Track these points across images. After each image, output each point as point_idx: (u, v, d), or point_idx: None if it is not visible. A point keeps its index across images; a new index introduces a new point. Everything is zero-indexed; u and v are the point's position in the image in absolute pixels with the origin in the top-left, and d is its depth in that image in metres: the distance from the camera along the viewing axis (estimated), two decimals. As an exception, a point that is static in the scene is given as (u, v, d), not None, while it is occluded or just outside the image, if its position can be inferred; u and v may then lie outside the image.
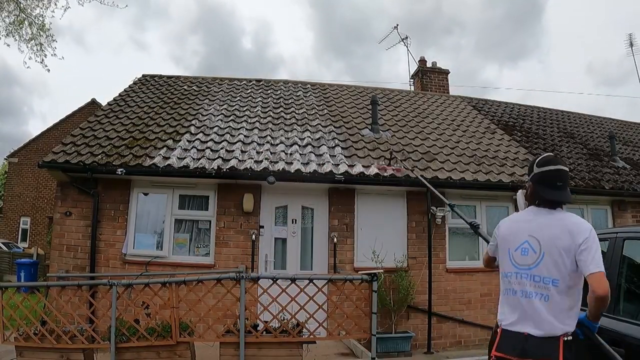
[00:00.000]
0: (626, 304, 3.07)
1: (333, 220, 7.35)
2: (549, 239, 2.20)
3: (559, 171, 2.32)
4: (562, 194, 2.31)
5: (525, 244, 2.26)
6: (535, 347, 2.08)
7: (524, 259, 2.25)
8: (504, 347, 2.20)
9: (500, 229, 2.46)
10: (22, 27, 7.51)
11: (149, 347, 4.85)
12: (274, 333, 4.93)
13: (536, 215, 2.32)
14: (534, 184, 2.36)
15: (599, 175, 8.81)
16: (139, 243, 7.10)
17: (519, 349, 2.11)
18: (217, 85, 11.16)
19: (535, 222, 2.29)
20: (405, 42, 13.84)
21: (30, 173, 22.69)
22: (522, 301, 2.20)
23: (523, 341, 2.12)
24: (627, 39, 14.63)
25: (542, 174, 2.34)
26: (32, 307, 5.21)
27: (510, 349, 2.15)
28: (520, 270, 2.25)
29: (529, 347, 2.09)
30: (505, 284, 2.33)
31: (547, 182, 2.32)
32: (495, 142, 9.42)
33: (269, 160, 7.23)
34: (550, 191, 2.30)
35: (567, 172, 2.36)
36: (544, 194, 2.31)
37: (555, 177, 2.32)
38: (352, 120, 9.40)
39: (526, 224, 2.32)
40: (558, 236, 2.18)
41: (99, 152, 7.15)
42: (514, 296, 2.24)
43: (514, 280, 2.26)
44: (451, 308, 7.43)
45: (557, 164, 2.34)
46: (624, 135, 12.22)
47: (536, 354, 2.07)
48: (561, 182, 2.31)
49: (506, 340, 2.20)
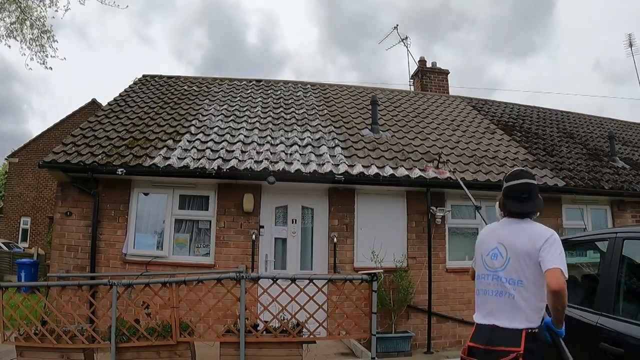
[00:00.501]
0: (625, 303, 3.07)
1: (333, 220, 7.37)
2: (514, 245, 2.47)
3: (523, 184, 2.57)
4: (526, 205, 2.55)
5: (495, 250, 2.56)
6: (499, 338, 2.35)
7: (494, 262, 2.54)
8: (475, 338, 2.50)
9: (480, 236, 2.77)
10: (23, 28, 7.52)
11: (149, 347, 4.86)
12: (274, 333, 4.94)
13: (506, 224, 2.60)
14: (503, 197, 2.64)
15: (599, 175, 8.82)
16: (139, 243, 7.11)
17: (486, 339, 2.40)
18: (217, 85, 11.18)
19: (504, 231, 2.57)
20: (405, 42, 13.86)
21: (31, 173, 22.72)
22: (492, 299, 2.50)
23: (490, 332, 2.41)
24: (626, 39, 14.62)
25: (508, 188, 2.61)
26: (33, 307, 5.21)
27: (479, 339, 2.45)
28: (491, 272, 2.55)
29: (494, 337, 2.37)
30: (478, 285, 2.66)
31: (512, 196, 2.58)
32: (495, 142, 9.43)
33: (269, 160, 7.24)
34: (515, 203, 2.56)
35: (532, 184, 2.59)
36: (510, 207, 2.58)
37: (519, 191, 2.57)
38: (352, 121, 9.41)
39: (497, 232, 2.61)
40: (521, 243, 2.44)
41: (100, 152, 7.17)
42: (485, 295, 2.57)
43: (486, 281, 2.58)
44: (451, 308, 7.44)
45: (521, 178, 2.59)
46: (624, 136, 12.22)
47: (500, 343, 2.32)
48: (526, 194, 2.55)
49: (477, 333, 2.51)
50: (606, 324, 2.95)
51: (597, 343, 2.91)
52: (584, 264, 4.30)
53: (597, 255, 3.74)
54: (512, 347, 2.27)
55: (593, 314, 3.07)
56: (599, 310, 3.06)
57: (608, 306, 3.02)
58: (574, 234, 6.11)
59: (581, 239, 4.28)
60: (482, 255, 2.64)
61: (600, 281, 3.26)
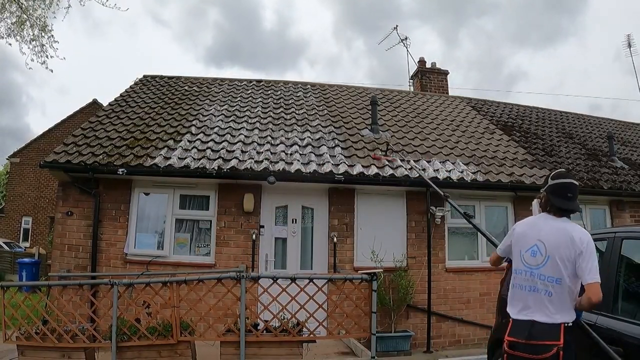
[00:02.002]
0: (624, 303, 3.10)
1: (333, 220, 7.39)
2: (554, 244, 2.59)
3: (570, 184, 2.71)
4: (572, 204, 2.69)
5: (534, 247, 2.65)
6: (539, 332, 2.48)
7: (533, 259, 2.64)
8: (514, 332, 2.59)
9: (516, 230, 2.84)
10: (24, 28, 7.53)
11: (150, 346, 4.88)
12: (274, 332, 4.96)
13: (545, 220, 2.72)
14: (548, 194, 2.74)
15: (598, 175, 8.85)
16: (140, 243, 7.14)
17: (527, 334, 2.51)
18: (218, 85, 11.20)
19: (545, 228, 2.67)
20: (405, 42, 13.88)
21: (32, 173, 22.78)
22: (529, 294, 2.61)
23: (530, 327, 2.53)
24: (625, 40, 14.63)
25: (555, 186, 2.73)
26: (34, 307, 5.24)
27: (519, 334, 2.55)
28: (530, 269, 2.64)
29: (534, 332, 2.49)
30: (515, 280, 2.73)
31: (559, 193, 2.70)
32: (494, 142, 9.46)
33: (269, 160, 7.27)
34: (561, 201, 2.68)
35: (577, 185, 2.75)
36: (556, 203, 2.68)
37: (566, 189, 2.70)
38: (352, 121, 9.44)
39: (536, 229, 2.71)
40: (561, 243, 2.57)
41: (100, 152, 7.19)
42: (521, 290, 2.66)
43: (522, 277, 2.67)
44: (450, 307, 7.47)
45: (568, 178, 2.75)
46: (622, 136, 12.25)
47: (541, 337, 2.46)
48: (571, 193, 2.70)
49: (516, 327, 2.61)
50: (605, 324, 2.97)
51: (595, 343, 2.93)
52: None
53: (596, 255, 3.77)
54: (553, 341, 2.43)
55: (592, 314, 3.07)
56: (597, 310, 3.06)
57: (607, 306, 3.03)
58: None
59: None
60: (521, 250, 2.73)
61: None
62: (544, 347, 2.43)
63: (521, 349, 2.51)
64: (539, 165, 8.63)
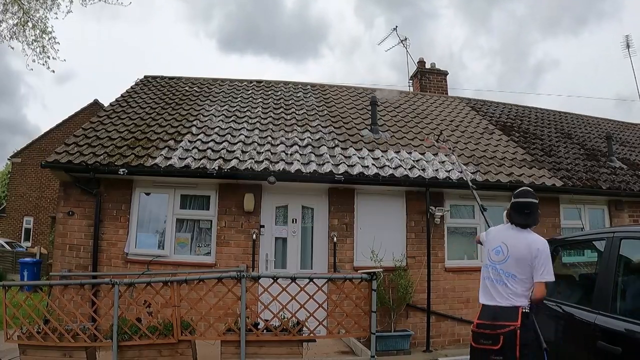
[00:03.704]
0: (623, 302, 3.12)
1: (333, 219, 7.42)
2: (514, 248, 3.20)
3: (528, 203, 3.27)
4: (527, 219, 3.26)
5: (498, 247, 3.28)
6: (502, 314, 3.06)
7: (497, 257, 3.27)
8: (482, 315, 3.18)
9: (490, 233, 3.49)
10: (25, 30, 7.57)
11: (151, 345, 4.90)
12: (274, 331, 4.98)
13: (510, 230, 3.32)
14: (510, 209, 3.35)
15: (596, 175, 8.87)
16: (140, 242, 7.17)
17: (492, 316, 3.10)
18: (218, 86, 11.23)
19: (508, 234, 3.30)
20: (404, 43, 13.91)
21: (34, 173, 22.86)
22: (491, 285, 3.23)
23: (494, 310, 3.11)
24: (623, 41, 14.65)
25: (515, 204, 3.32)
26: (35, 306, 5.25)
27: (486, 316, 3.14)
28: (495, 264, 3.26)
29: (498, 314, 3.08)
30: (484, 273, 3.34)
31: (518, 210, 3.29)
32: (494, 143, 9.49)
33: (270, 160, 7.30)
34: (518, 216, 3.28)
35: (535, 203, 3.29)
36: (515, 218, 3.30)
37: (524, 207, 3.27)
38: (352, 121, 9.46)
39: (502, 234, 3.35)
40: (520, 247, 3.18)
41: (101, 152, 7.22)
42: (489, 282, 3.26)
43: (490, 271, 3.27)
44: (450, 307, 7.49)
45: (526, 197, 3.29)
46: (621, 136, 12.28)
47: (502, 319, 3.03)
48: (528, 210, 3.26)
49: (484, 311, 3.19)
50: (604, 323, 2.99)
51: (594, 342, 2.95)
52: (581, 263, 4.35)
53: (595, 254, 3.79)
54: (511, 322, 2.99)
55: (591, 313, 3.12)
56: (596, 309, 3.10)
57: (605, 305, 3.06)
58: (571, 233, 6.17)
59: (579, 239, 4.33)
60: (489, 249, 3.34)
61: (597, 280, 3.30)
62: (503, 326, 2.99)
63: (485, 327, 3.07)
64: (538, 166, 8.65)
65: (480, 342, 3.08)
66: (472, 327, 3.20)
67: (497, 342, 2.96)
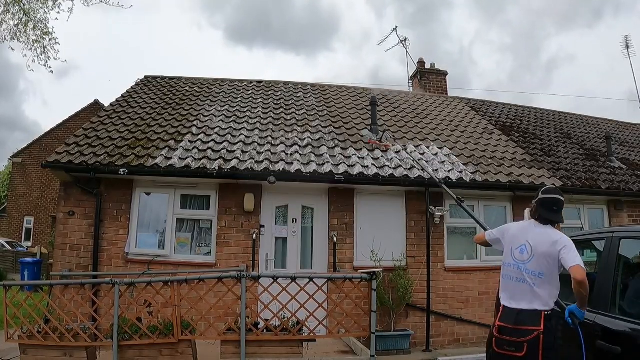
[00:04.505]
0: (622, 302, 3.13)
1: (333, 219, 7.43)
2: (539, 246, 3.09)
3: (557, 200, 3.21)
4: (556, 216, 3.20)
5: (523, 246, 3.16)
6: (525, 318, 2.94)
7: (521, 256, 3.15)
8: (504, 318, 3.06)
9: (510, 230, 3.37)
10: (26, 30, 7.59)
11: (151, 345, 4.90)
12: (274, 331, 4.99)
13: (534, 227, 3.22)
14: (538, 205, 3.26)
15: (596, 175, 8.88)
16: (141, 242, 7.18)
17: (514, 320, 2.98)
18: (218, 86, 11.24)
19: (533, 232, 3.19)
20: (404, 44, 13.92)
21: (34, 173, 22.91)
22: (514, 284, 3.11)
23: (517, 314, 2.99)
24: (622, 41, 14.66)
25: (544, 200, 3.23)
26: (36, 306, 5.25)
27: (508, 320, 3.02)
28: (518, 263, 3.14)
29: (521, 318, 2.95)
30: (504, 270, 3.24)
31: (547, 206, 3.21)
32: (493, 143, 9.50)
33: (270, 160, 7.31)
34: (547, 212, 3.19)
35: (562, 201, 3.24)
36: (543, 214, 3.20)
37: (553, 204, 3.20)
38: (352, 121, 9.48)
39: (526, 231, 3.23)
40: (545, 244, 3.07)
41: (102, 152, 7.23)
42: (509, 280, 3.16)
43: (511, 269, 3.18)
44: (449, 306, 7.51)
45: (555, 194, 3.24)
46: (620, 136, 12.29)
47: (525, 323, 2.92)
48: (557, 207, 3.20)
49: (506, 314, 3.07)
50: (603, 323, 3.01)
51: (594, 341, 2.96)
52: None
53: (594, 254, 3.80)
54: (535, 327, 2.89)
55: (590, 313, 3.10)
56: (596, 309, 3.11)
57: (605, 305, 3.08)
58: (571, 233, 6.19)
59: (578, 239, 4.31)
60: (512, 247, 3.24)
61: (597, 280, 3.31)
62: (527, 331, 2.89)
63: (508, 333, 2.96)
64: (537, 166, 8.67)
65: (504, 348, 2.98)
66: (493, 331, 3.09)
67: (521, 349, 2.88)
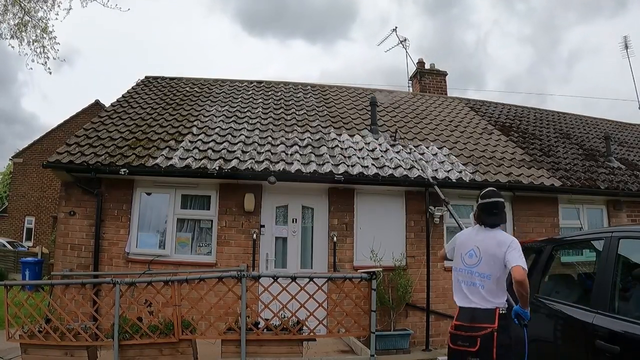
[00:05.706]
0: (621, 302, 3.12)
1: (333, 219, 7.45)
2: (485, 248, 3.22)
3: (494, 203, 3.32)
4: (496, 218, 3.30)
5: (471, 251, 3.30)
6: (479, 316, 3.09)
7: (471, 260, 3.28)
8: (460, 317, 3.20)
9: (459, 238, 3.50)
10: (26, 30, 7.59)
11: (152, 344, 4.92)
12: (274, 331, 5.01)
13: (479, 231, 3.35)
14: (478, 210, 3.38)
15: (595, 175, 8.90)
16: (141, 242, 7.20)
17: (470, 318, 3.12)
18: (219, 86, 11.26)
19: (478, 237, 3.32)
20: (404, 44, 13.93)
21: (35, 173, 22.94)
22: (466, 287, 3.24)
23: (472, 312, 3.13)
24: (622, 41, 14.67)
25: (482, 205, 3.35)
26: (37, 305, 5.26)
27: (464, 318, 3.16)
28: (468, 267, 3.28)
29: (475, 316, 3.10)
30: (456, 275, 3.37)
31: (486, 211, 3.32)
32: (493, 143, 9.52)
33: (270, 160, 7.33)
34: (487, 217, 3.32)
35: (501, 202, 3.34)
36: (483, 219, 3.33)
37: (491, 207, 3.31)
38: (352, 122, 9.50)
39: (473, 237, 3.37)
40: (491, 247, 3.20)
41: (103, 152, 7.25)
42: (464, 285, 3.26)
43: (462, 274, 3.30)
44: (449, 306, 7.49)
45: (492, 198, 3.33)
46: (619, 136, 12.30)
47: (480, 321, 3.06)
48: (496, 210, 3.31)
49: (462, 313, 3.20)
50: (602, 323, 3.00)
51: (593, 341, 2.96)
52: (580, 263, 4.38)
53: (593, 254, 3.80)
54: (489, 324, 3.02)
55: (589, 312, 3.12)
56: (595, 309, 3.10)
57: (604, 304, 3.06)
58: (570, 233, 6.20)
59: (577, 239, 4.34)
60: (462, 253, 3.36)
61: (596, 280, 3.31)
62: (481, 328, 3.03)
63: (464, 329, 3.11)
64: (536, 166, 8.68)
65: (458, 343, 3.12)
66: (449, 329, 3.24)
67: (474, 345, 3.00)
